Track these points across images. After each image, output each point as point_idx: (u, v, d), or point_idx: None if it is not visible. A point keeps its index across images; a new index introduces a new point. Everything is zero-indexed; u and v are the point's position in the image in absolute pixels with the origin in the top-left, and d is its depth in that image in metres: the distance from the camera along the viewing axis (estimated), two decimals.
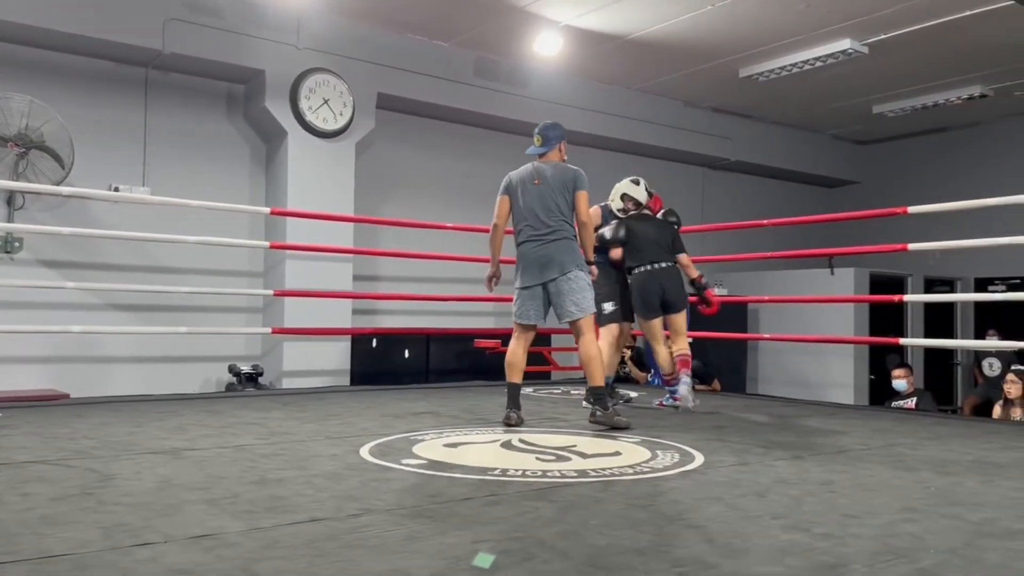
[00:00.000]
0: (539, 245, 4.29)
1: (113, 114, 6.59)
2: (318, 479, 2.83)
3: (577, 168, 4.51)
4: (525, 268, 4.34)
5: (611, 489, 2.75)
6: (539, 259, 4.27)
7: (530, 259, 4.31)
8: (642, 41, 7.53)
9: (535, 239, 4.31)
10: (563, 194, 4.35)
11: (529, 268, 4.32)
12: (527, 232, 4.35)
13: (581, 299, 4.24)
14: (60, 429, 3.87)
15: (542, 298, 4.31)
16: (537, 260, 4.28)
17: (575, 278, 4.24)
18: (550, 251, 4.26)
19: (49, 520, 2.23)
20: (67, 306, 6.17)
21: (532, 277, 4.30)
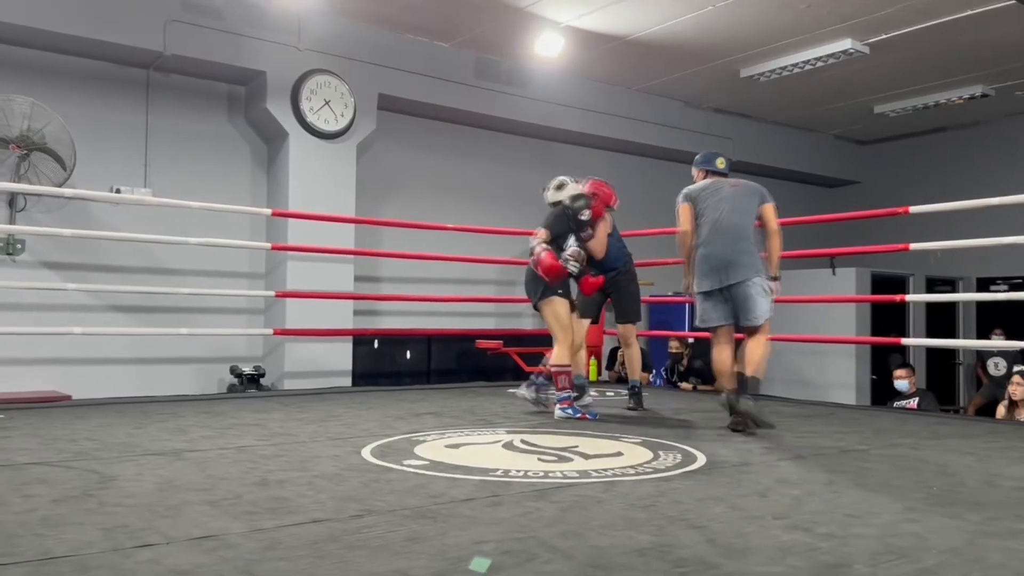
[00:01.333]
0: (724, 251, 4.26)
1: (114, 116, 6.59)
2: (320, 480, 2.83)
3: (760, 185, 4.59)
4: (706, 273, 4.28)
5: (613, 490, 2.75)
6: (722, 264, 4.24)
7: (711, 264, 4.27)
8: (643, 41, 7.53)
9: (720, 245, 4.27)
10: (751, 205, 4.39)
11: (710, 273, 4.27)
12: (718, 236, 4.30)
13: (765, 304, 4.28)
14: (61, 430, 3.87)
15: (726, 301, 4.27)
16: (720, 265, 4.25)
17: (759, 283, 4.25)
18: (735, 257, 4.25)
19: (50, 521, 2.23)
20: (69, 307, 6.17)
21: (713, 281, 4.26)
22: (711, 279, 4.26)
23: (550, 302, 4.73)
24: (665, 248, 8.44)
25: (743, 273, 4.20)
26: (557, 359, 4.68)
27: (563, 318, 4.76)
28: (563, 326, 4.74)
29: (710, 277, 4.26)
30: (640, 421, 4.59)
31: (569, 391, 4.65)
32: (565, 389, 4.63)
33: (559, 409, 4.60)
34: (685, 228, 4.37)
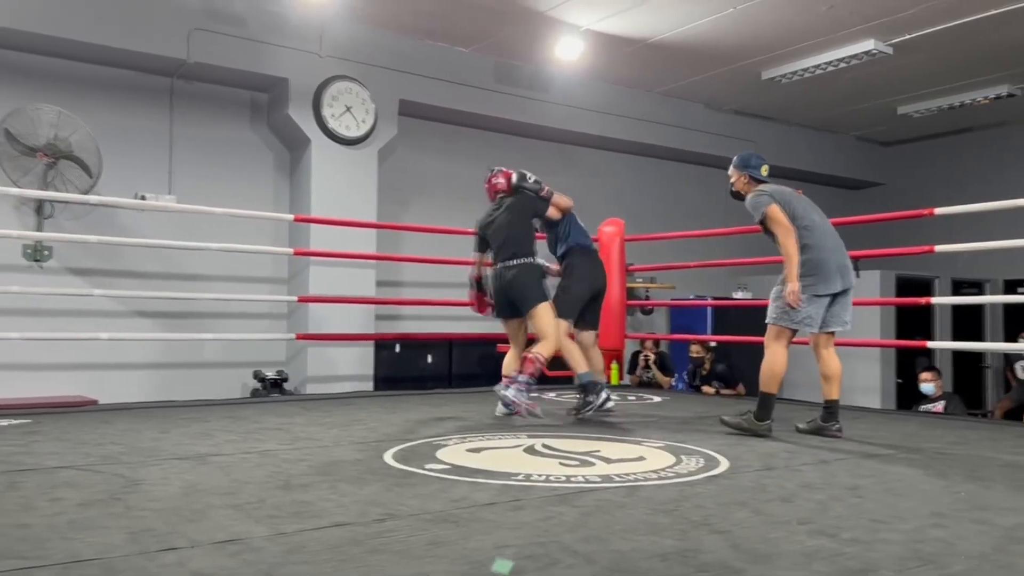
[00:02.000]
0: (841, 254, 4.14)
1: (139, 123, 6.68)
2: (342, 484, 2.84)
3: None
4: (831, 275, 4.09)
5: (635, 494, 2.73)
6: (844, 268, 4.14)
7: (835, 266, 4.10)
8: (663, 44, 7.51)
9: (837, 249, 4.14)
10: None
11: (835, 275, 4.09)
12: (828, 239, 4.15)
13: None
14: (88, 435, 3.92)
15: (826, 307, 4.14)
16: (843, 268, 4.12)
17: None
18: (847, 261, 4.17)
19: (78, 525, 2.26)
20: (95, 313, 6.25)
21: (837, 284, 4.10)
22: (836, 282, 4.09)
23: (545, 307, 4.72)
24: (687, 251, 8.41)
25: (853, 278, 4.19)
26: (542, 351, 4.61)
27: (555, 323, 4.72)
28: (556, 329, 4.71)
29: (835, 280, 4.09)
30: (662, 425, 4.57)
31: (531, 379, 4.56)
32: (532, 375, 4.55)
33: (504, 387, 4.56)
34: (791, 228, 4.06)
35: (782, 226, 4.05)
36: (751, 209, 4.17)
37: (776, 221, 4.07)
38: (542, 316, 4.70)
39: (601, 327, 7.31)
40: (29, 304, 5.96)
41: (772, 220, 4.08)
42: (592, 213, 7.63)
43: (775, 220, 4.07)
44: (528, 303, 4.73)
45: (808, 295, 4.04)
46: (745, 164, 4.32)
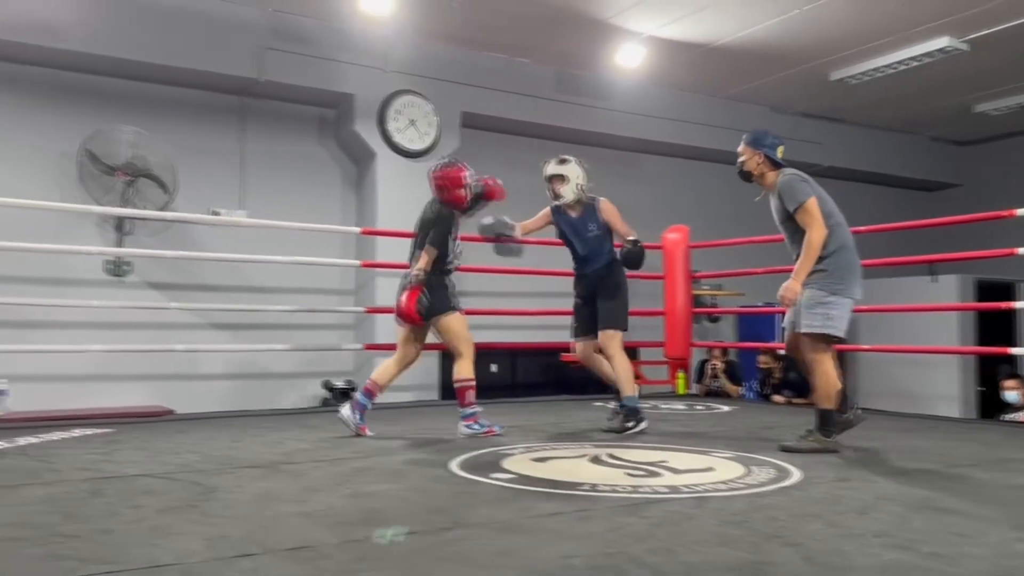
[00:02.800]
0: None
1: (212, 141, 6.90)
2: (409, 492, 2.86)
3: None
4: (858, 280, 3.85)
5: (704, 505, 2.69)
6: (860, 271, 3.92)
7: (858, 269, 3.88)
8: (727, 48, 7.41)
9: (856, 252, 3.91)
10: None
11: (860, 281, 3.87)
12: (851, 242, 3.90)
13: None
14: (165, 444, 4.04)
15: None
16: (860, 273, 3.91)
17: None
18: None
19: (157, 531, 2.33)
20: (171, 326, 6.46)
21: (862, 291, 3.89)
22: (862, 288, 3.88)
23: (448, 319, 4.40)
24: (755, 257, 8.25)
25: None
26: (462, 374, 4.36)
27: (462, 332, 4.45)
28: (465, 339, 4.43)
29: (861, 286, 3.87)
30: (731, 436, 4.49)
31: (474, 407, 4.33)
32: (471, 405, 4.32)
33: (464, 426, 4.29)
34: (825, 231, 3.76)
35: (817, 222, 3.74)
36: (789, 193, 3.78)
37: (813, 216, 3.74)
38: (450, 328, 4.42)
39: (667, 335, 7.28)
40: (110, 318, 6.19)
41: (808, 213, 3.74)
42: (656, 220, 7.59)
43: (811, 214, 3.74)
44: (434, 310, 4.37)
45: (840, 297, 3.76)
46: (760, 142, 3.95)
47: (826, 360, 3.82)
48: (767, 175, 3.96)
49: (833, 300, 3.75)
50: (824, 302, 3.75)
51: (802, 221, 3.77)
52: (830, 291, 3.75)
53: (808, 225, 3.75)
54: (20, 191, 5.73)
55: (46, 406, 5.88)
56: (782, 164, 3.95)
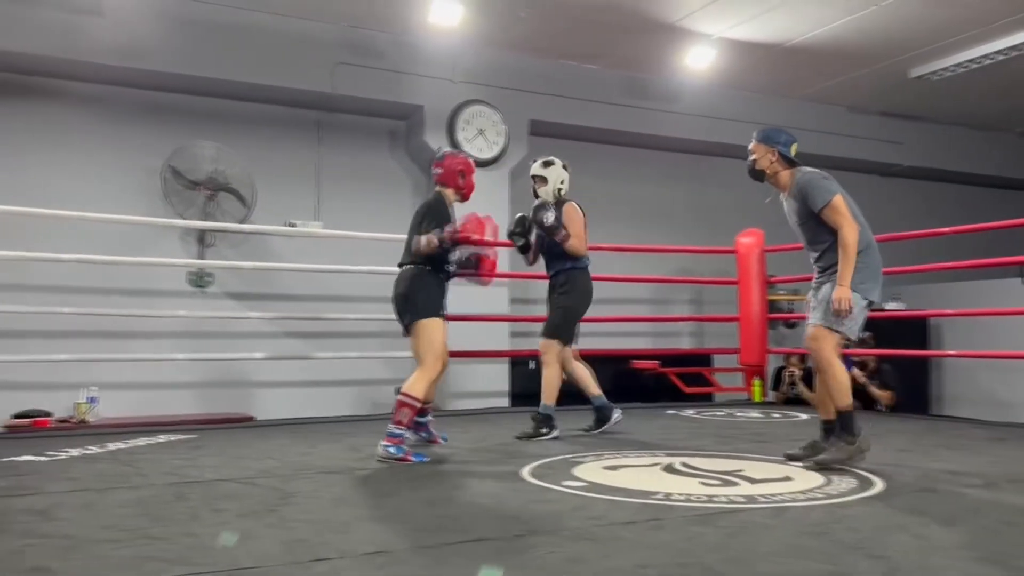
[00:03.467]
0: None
1: (289, 155, 7.09)
2: (482, 499, 2.88)
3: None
4: (879, 280, 3.69)
5: (782, 515, 2.62)
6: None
7: (880, 271, 3.71)
8: (800, 47, 7.25)
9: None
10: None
11: (880, 282, 3.71)
12: (874, 242, 3.74)
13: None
14: (245, 449, 4.16)
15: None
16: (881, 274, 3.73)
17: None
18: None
19: (238, 534, 2.40)
20: (251, 334, 6.65)
21: (882, 293, 3.75)
22: (881, 291, 3.74)
23: (428, 324, 4.04)
24: None
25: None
26: (412, 389, 3.90)
27: (438, 345, 4.04)
28: (436, 354, 4.02)
29: (881, 289, 3.73)
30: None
31: (404, 429, 3.84)
32: (400, 424, 3.82)
33: (381, 446, 3.79)
34: (856, 225, 3.58)
35: (848, 219, 3.54)
36: (814, 192, 3.61)
37: (842, 213, 3.56)
38: (422, 335, 4.04)
39: (742, 341, 7.14)
40: (193, 327, 6.41)
41: (837, 211, 3.56)
42: (729, 224, 7.47)
43: (840, 211, 3.56)
44: (407, 315, 4.11)
45: (858, 296, 3.57)
46: (773, 139, 3.79)
47: (835, 360, 3.62)
48: (781, 174, 3.79)
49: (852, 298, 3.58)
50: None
51: (832, 220, 3.60)
52: (852, 289, 3.60)
53: (839, 224, 3.57)
54: (110, 206, 6.00)
55: (134, 412, 6.13)
56: (797, 162, 3.81)
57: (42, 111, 6.28)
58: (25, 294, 5.78)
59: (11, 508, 2.72)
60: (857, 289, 3.55)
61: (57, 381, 5.91)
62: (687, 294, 8.69)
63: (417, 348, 4.05)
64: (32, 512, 2.65)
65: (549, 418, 4.61)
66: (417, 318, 4.05)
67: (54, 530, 2.42)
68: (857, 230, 3.57)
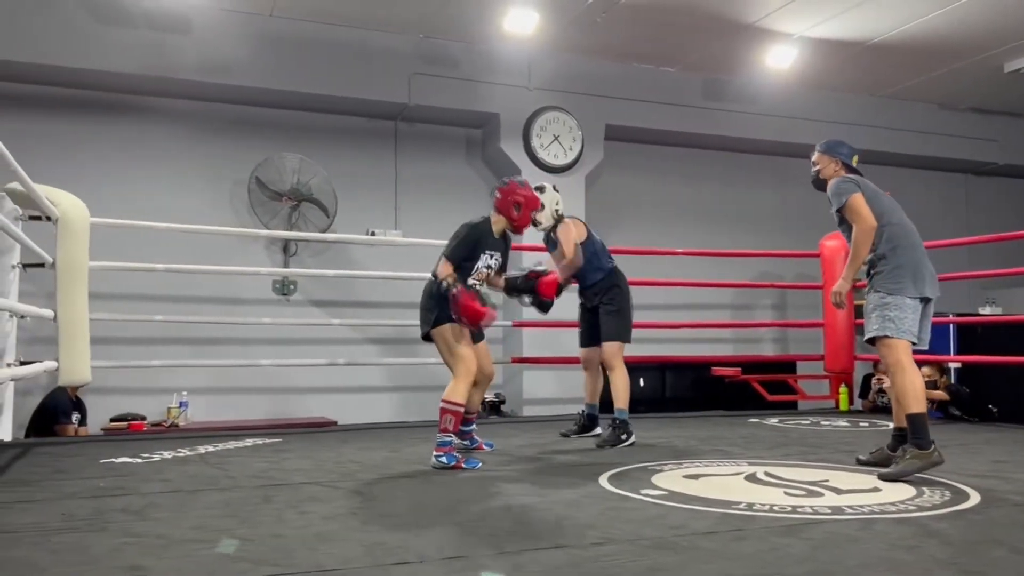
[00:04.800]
0: (927, 259, 3.68)
1: (368, 165, 7.24)
2: (559, 506, 2.87)
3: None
4: (926, 278, 3.62)
5: (871, 528, 2.53)
6: (932, 274, 3.67)
7: (929, 270, 3.64)
8: (886, 44, 7.01)
9: (923, 252, 3.69)
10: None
11: (930, 280, 3.63)
12: (915, 241, 3.70)
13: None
14: (329, 453, 4.26)
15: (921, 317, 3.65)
16: (932, 274, 3.66)
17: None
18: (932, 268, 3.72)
19: (321, 537, 2.45)
20: (333, 341, 6.80)
21: (933, 289, 3.65)
22: (932, 286, 3.62)
23: (442, 331, 4.03)
24: None
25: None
26: (451, 395, 3.87)
27: (459, 349, 3.98)
28: (461, 358, 3.95)
29: (930, 284, 3.62)
30: None
31: (452, 435, 3.84)
32: (447, 432, 3.81)
33: (433, 456, 3.78)
34: (873, 224, 3.61)
35: (861, 218, 3.60)
36: (833, 194, 3.72)
37: (857, 212, 3.61)
38: (439, 343, 4.06)
39: (827, 348, 6.93)
40: (278, 334, 6.61)
41: (852, 210, 3.62)
42: (813, 226, 7.26)
43: (855, 211, 3.61)
44: (423, 325, 4.15)
45: (897, 297, 3.52)
46: (836, 150, 3.89)
47: (904, 364, 3.51)
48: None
49: (891, 301, 3.55)
50: (882, 303, 3.57)
51: (850, 219, 3.68)
52: (887, 291, 3.57)
53: (854, 222, 3.65)
54: (199, 218, 6.24)
55: (222, 416, 6.35)
56: (859, 172, 3.87)
57: (134, 127, 6.59)
58: (121, 303, 6.05)
59: (110, 507, 2.84)
60: (893, 291, 3.55)
61: (151, 386, 6.18)
62: (770, 299, 8.50)
63: (442, 356, 4.11)
64: (129, 512, 2.77)
65: (625, 423, 4.57)
66: (431, 327, 4.10)
67: (149, 529, 2.52)
68: (869, 229, 3.61)
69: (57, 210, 4.50)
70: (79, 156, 6.33)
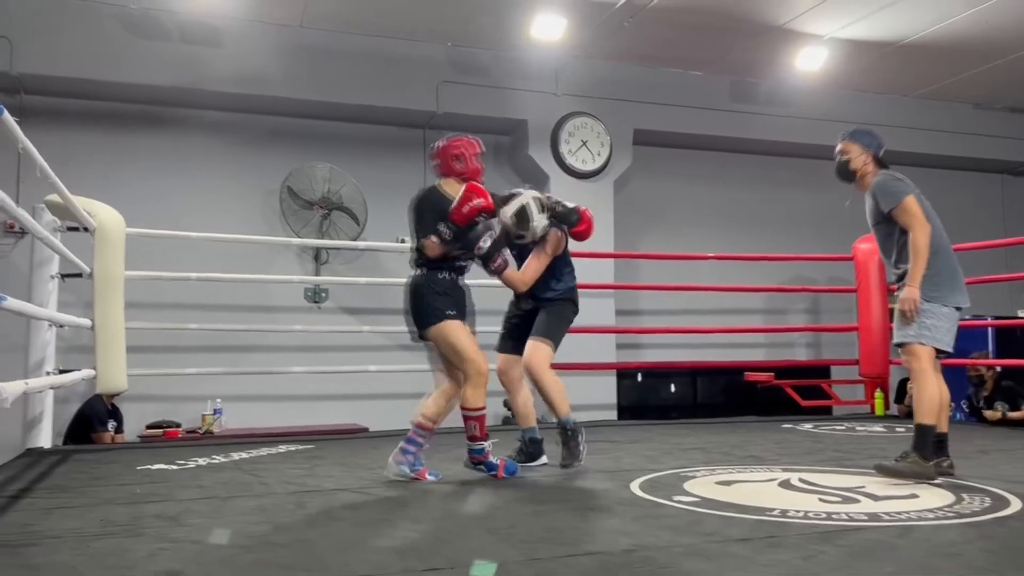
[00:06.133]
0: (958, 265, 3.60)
1: (398, 173, 7.28)
2: (590, 512, 2.86)
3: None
4: (960, 287, 3.53)
5: (909, 535, 2.49)
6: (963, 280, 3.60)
7: (961, 278, 3.56)
8: (919, 44, 6.92)
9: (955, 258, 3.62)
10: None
11: (964, 288, 3.54)
12: (949, 247, 3.60)
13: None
14: (361, 460, 4.28)
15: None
16: (963, 280, 3.59)
17: None
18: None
19: (354, 543, 2.46)
20: (364, 348, 6.85)
21: (965, 298, 3.56)
22: (965, 296, 3.54)
23: (444, 327, 3.60)
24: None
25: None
26: (469, 402, 3.59)
27: (468, 346, 3.60)
28: (470, 357, 3.59)
29: (964, 293, 3.54)
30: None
31: (483, 442, 3.58)
32: (476, 440, 3.57)
33: (473, 466, 3.61)
34: (929, 226, 3.46)
35: (919, 220, 3.44)
36: (884, 193, 3.54)
37: (913, 214, 3.46)
38: (439, 342, 3.64)
39: (862, 352, 6.83)
40: (310, 341, 6.66)
41: (908, 213, 3.46)
42: (845, 230, 7.17)
43: (912, 213, 3.46)
44: (422, 319, 3.66)
45: (936, 304, 3.41)
46: (867, 140, 3.73)
47: (928, 372, 3.46)
48: (869, 176, 3.69)
49: (929, 308, 3.43)
50: (920, 309, 3.44)
51: (903, 222, 3.50)
52: (925, 297, 3.44)
53: (910, 226, 3.47)
54: (232, 227, 6.31)
55: (255, 423, 6.41)
56: (887, 165, 3.72)
57: (168, 139, 6.69)
58: (156, 311, 6.14)
59: (146, 513, 2.88)
60: (931, 298, 3.44)
61: (185, 393, 6.26)
62: (803, 303, 8.41)
63: (443, 359, 3.70)
64: (164, 518, 2.81)
65: (576, 431, 3.91)
66: (427, 326, 3.63)
67: (184, 535, 2.55)
68: (929, 232, 3.46)
69: (94, 221, 4.59)
70: (115, 168, 6.45)
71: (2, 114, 2.71)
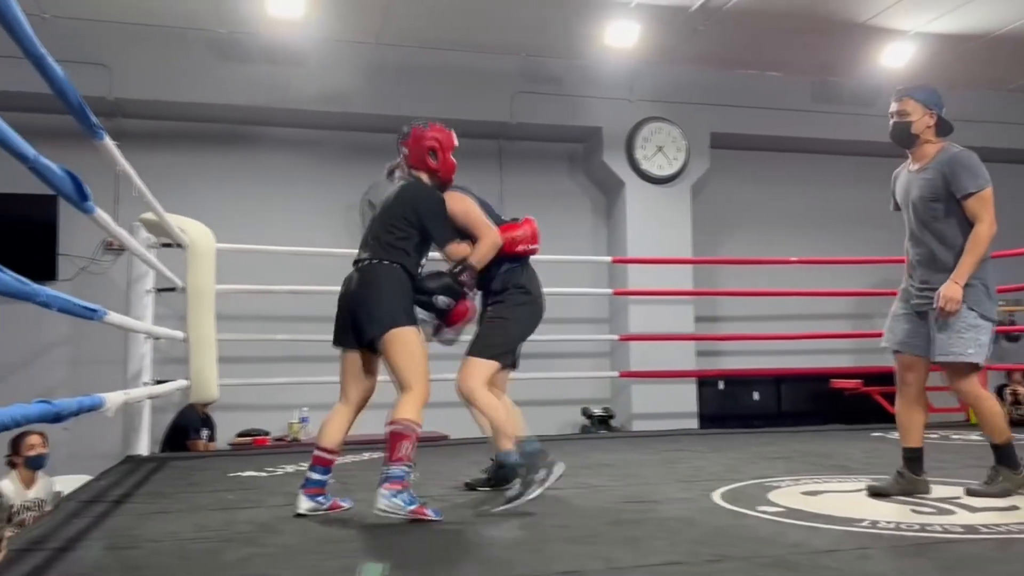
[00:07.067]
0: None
1: (473, 183, 7.28)
2: (671, 522, 2.83)
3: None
4: (994, 300, 3.25)
5: (1009, 548, 2.38)
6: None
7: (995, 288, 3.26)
8: (1011, 36, 6.62)
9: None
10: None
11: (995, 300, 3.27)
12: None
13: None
14: (441, 467, 4.35)
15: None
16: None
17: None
18: None
19: (436, 551, 2.51)
20: (444, 356, 6.90)
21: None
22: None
23: (400, 334, 3.16)
24: None
25: None
26: (407, 411, 3.07)
27: (420, 357, 3.21)
28: (421, 369, 3.21)
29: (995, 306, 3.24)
30: None
31: (406, 466, 2.92)
32: (400, 462, 2.92)
33: (382, 497, 2.83)
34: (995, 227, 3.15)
35: (992, 214, 3.11)
36: (970, 172, 3.14)
37: (990, 206, 3.12)
38: (400, 348, 3.17)
39: None
40: None
41: (987, 202, 3.11)
42: None
43: (990, 204, 3.11)
44: (374, 323, 3.16)
45: (987, 322, 3.13)
46: (935, 102, 3.28)
47: (982, 389, 3.28)
48: (929, 144, 3.30)
49: (982, 324, 3.13)
50: (975, 325, 3.12)
51: (974, 210, 3.13)
52: (980, 313, 3.12)
53: (982, 217, 3.11)
54: (315, 240, 6.49)
55: None
56: (951, 128, 3.33)
57: (254, 157, 6.94)
58: (245, 323, 6.35)
59: (237, 519, 2.99)
60: (986, 315, 3.14)
61: (273, 402, 6.46)
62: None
63: (397, 365, 3.18)
64: (255, 523, 2.91)
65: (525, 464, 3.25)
66: (391, 327, 3.16)
67: (274, 541, 2.64)
68: (994, 231, 3.13)
69: (186, 237, 4.79)
70: (205, 185, 6.72)
71: (103, 139, 2.87)
